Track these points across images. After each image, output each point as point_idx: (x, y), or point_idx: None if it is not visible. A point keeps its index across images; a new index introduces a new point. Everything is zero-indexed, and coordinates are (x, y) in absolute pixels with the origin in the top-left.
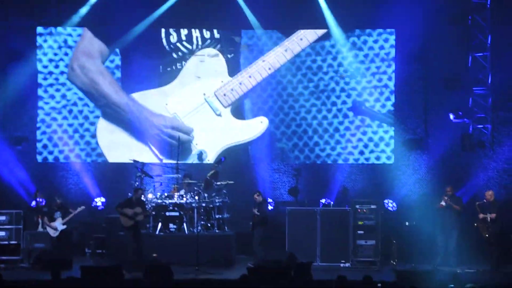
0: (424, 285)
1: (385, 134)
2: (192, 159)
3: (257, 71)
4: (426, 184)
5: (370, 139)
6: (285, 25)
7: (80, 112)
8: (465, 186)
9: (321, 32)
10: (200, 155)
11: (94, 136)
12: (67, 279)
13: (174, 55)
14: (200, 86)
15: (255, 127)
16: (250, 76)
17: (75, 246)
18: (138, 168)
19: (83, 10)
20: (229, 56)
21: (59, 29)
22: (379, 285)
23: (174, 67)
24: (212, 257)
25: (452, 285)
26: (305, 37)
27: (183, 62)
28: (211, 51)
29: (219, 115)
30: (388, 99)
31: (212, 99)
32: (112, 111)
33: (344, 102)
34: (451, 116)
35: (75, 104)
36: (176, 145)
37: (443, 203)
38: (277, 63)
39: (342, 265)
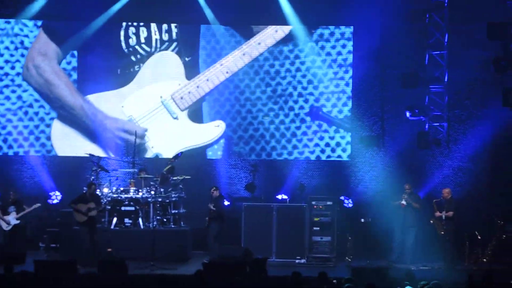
0: (379, 282)
1: (342, 140)
2: None
3: (215, 74)
4: (382, 181)
5: (327, 144)
6: (243, 21)
7: (36, 113)
8: (421, 184)
9: (279, 36)
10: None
11: (49, 138)
12: (20, 273)
13: (133, 58)
14: (157, 89)
15: (212, 131)
16: (207, 80)
17: (29, 240)
18: (94, 162)
19: (39, 3)
20: (187, 59)
21: (16, 29)
22: (334, 281)
23: (132, 70)
24: (168, 253)
25: (407, 282)
26: (263, 41)
27: (141, 65)
28: (169, 53)
29: (176, 118)
30: (345, 104)
31: (169, 102)
32: (67, 114)
33: (301, 107)
34: (408, 114)
35: (30, 105)
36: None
37: (403, 202)
38: (234, 67)
39: (297, 261)
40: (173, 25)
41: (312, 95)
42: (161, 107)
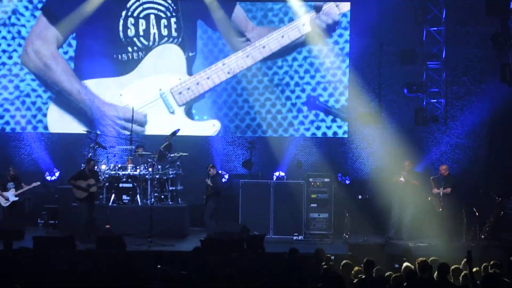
0: (376, 258)
1: (339, 129)
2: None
3: (216, 73)
4: (379, 157)
5: (324, 134)
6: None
7: (33, 103)
8: (419, 160)
9: (284, 42)
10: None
11: (46, 128)
12: (19, 250)
13: (129, 49)
14: (157, 81)
15: (206, 129)
16: (208, 78)
17: (27, 217)
18: (91, 139)
19: None
20: (190, 54)
21: (13, 19)
22: (332, 257)
23: (130, 57)
24: (166, 229)
25: (404, 259)
26: (267, 45)
27: (140, 53)
28: (173, 46)
29: (172, 112)
30: (342, 94)
31: (168, 95)
32: (64, 99)
33: (298, 97)
34: (405, 90)
35: (28, 95)
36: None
37: (401, 179)
38: (237, 68)
39: (295, 238)
40: (172, 20)
41: (309, 85)
42: (159, 100)
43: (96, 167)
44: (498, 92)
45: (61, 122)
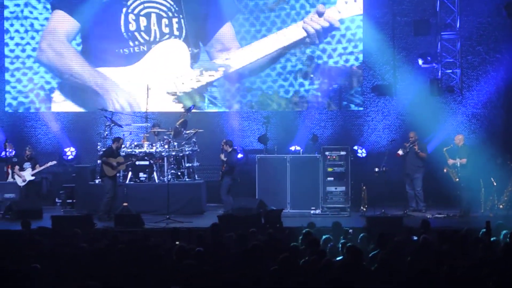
0: (394, 231)
1: (353, 102)
2: None
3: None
4: (395, 129)
5: (339, 106)
6: None
7: (47, 96)
8: (435, 131)
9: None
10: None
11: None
12: (38, 229)
13: (131, 43)
14: (159, 74)
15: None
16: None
17: (45, 196)
18: (107, 118)
19: None
20: (195, 50)
21: (26, 12)
22: (350, 231)
23: (132, 50)
24: (183, 206)
25: (415, 237)
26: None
27: (142, 47)
28: (177, 41)
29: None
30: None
31: (173, 88)
32: (76, 82)
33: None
34: (420, 61)
35: (42, 88)
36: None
37: (399, 151)
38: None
39: (312, 211)
40: (174, 20)
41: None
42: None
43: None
44: None
45: (75, 101)
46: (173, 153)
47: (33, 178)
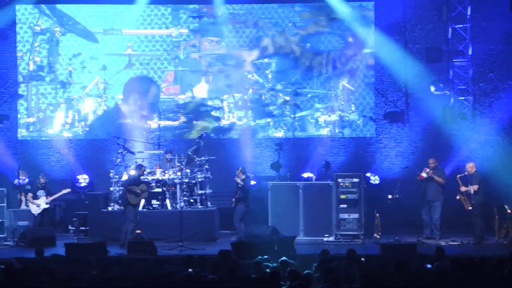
0: (408, 258)
1: (366, 129)
2: None
3: None
4: (408, 156)
5: (351, 134)
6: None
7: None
8: (448, 159)
9: None
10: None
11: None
12: (52, 257)
13: None
14: None
15: None
16: None
17: (58, 224)
18: (120, 145)
19: None
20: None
21: (43, 6)
22: (363, 259)
23: None
24: (195, 233)
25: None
26: None
27: None
28: None
29: None
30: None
31: None
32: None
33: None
34: (432, 88)
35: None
36: None
37: (423, 174)
38: None
39: (325, 239)
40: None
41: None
42: None
43: (124, 173)
44: None
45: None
46: (186, 180)
47: (47, 206)
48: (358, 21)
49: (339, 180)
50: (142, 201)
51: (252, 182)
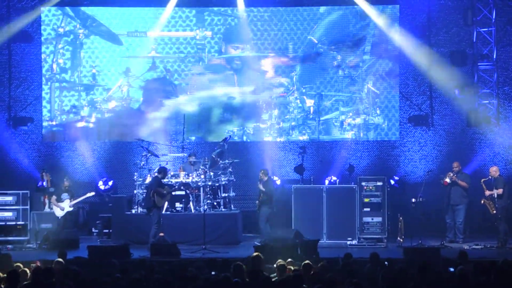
0: (431, 262)
1: (390, 132)
2: None
3: None
4: (432, 160)
5: (375, 137)
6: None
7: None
8: (471, 163)
9: None
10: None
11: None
12: (75, 259)
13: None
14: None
15: None
16: None
17: (81, 226)
18: (143, 148)
19: None
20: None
21: (67, 9)
22: (386, 263)
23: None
24: (219, 236)
25: (452, 269)
26: None
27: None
28: None
29: None
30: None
31: None
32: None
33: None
34: (457, 92)
35: (79, 119)
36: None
37: (447, 179)
38: None
39: (348, 242)
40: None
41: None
42: None
43: (148, 175)
44: None
45: (112, 130)
46: (209, 183)
47: (71, 209)
48: (383, 24)
49: (363, 183)
50: (165, 204)
51: (277, 181)
